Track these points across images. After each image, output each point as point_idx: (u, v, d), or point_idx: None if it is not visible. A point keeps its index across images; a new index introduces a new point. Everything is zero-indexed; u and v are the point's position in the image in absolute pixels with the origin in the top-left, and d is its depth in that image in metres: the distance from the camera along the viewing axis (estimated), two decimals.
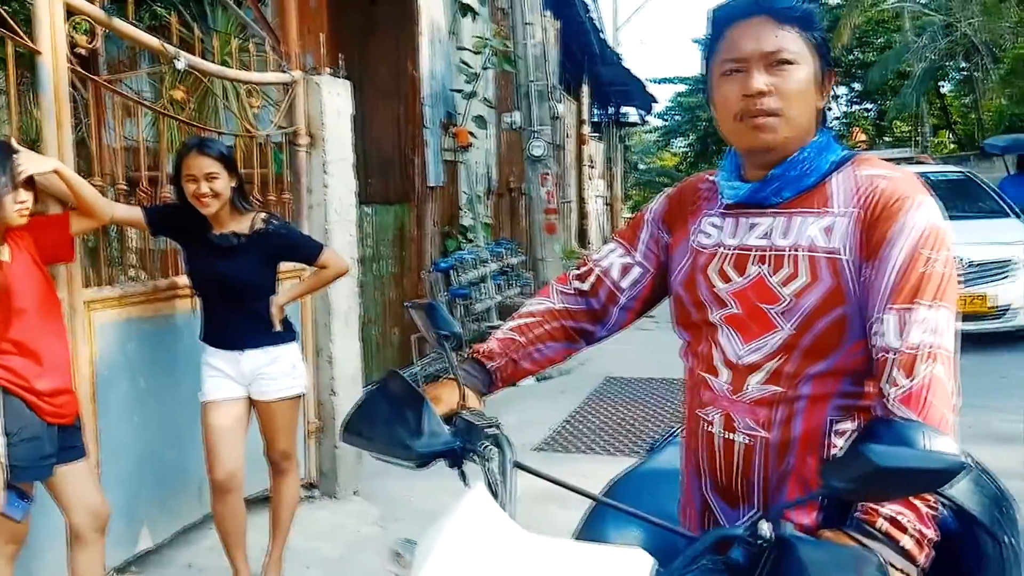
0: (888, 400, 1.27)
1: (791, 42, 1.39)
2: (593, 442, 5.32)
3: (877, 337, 1.31)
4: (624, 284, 1.65)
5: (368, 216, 6.88)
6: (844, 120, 32.80)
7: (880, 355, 1.30)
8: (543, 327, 1.66)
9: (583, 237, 17.35)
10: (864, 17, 20.58)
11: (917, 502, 1.22)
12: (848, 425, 1.39)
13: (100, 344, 3.20)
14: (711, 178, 1.60)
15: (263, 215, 3.21)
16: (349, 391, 4.34)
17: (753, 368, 1.41)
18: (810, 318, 1.37)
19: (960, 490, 1.54)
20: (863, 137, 32.48)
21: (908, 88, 19.55)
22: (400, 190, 7.68)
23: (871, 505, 1.23)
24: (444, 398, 1.51)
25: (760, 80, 1.38)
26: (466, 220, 8.74)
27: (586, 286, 1.68)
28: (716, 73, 1.45)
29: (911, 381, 1.25)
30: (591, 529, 1.77)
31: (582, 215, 17.79)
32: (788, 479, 1.40)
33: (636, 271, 1.65)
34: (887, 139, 30.89)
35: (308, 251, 3.32)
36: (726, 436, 1.44)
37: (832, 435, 1.39)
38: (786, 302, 1.39)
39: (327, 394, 4.30)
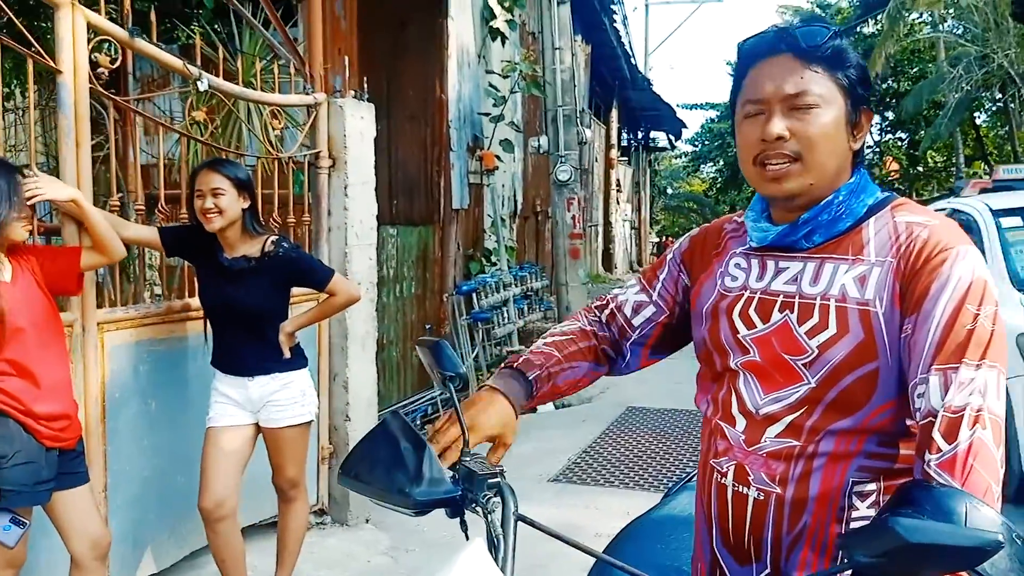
0: (927, 465, 1.18)
1: (816, 83, 1.31)
2: (612, 475, 5.21)
3: (920, 400, 1.21)
4: (636, 321, 1.60)
5: (392, 237, 6.86)
6: (876, 149, 32.55)
7: (925, 419, 1.20)
8: (576, 345, 1.60)
9: (608, 260, 17.27)
10: (899, 47, 20.43)
11: None
12: (871, 487, 1.30)
13: (111, 366, 3.16)
14: (738, 219, 1.53)
15: (273, 238, 3.15)
16: (364, 417, 4.28)
17: (771, 420, 1.33)
18: (836, 372, 1.28)
19: (999, 567, 1.44)
20: (895, 166, 32.22)
21: (942, 118, 19.34)
22: (425, 212, 7.66)
23: None
24: (453, 449, 1.40)
25: (779, 125, 1.31)
26: (490, 243, 8.70)
27: (603, 317, 1.64)
28: (739, 113, 1.38)
29: (954, 445, 1.16)
30: None
31: (608, 239, 17.73)
32: (802, 540, 1.32)
33: (649, 309, 1.59)
34: (920, 169, 30.61)
35: (318, 277, 3.26)
36: (738, 489, 1.36)
37: (853, 496, 1.30)
38: (812, 354, 1.30)
39: (341, 419, 4.24)
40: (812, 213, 1.34)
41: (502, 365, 1.58)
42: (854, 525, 1.29)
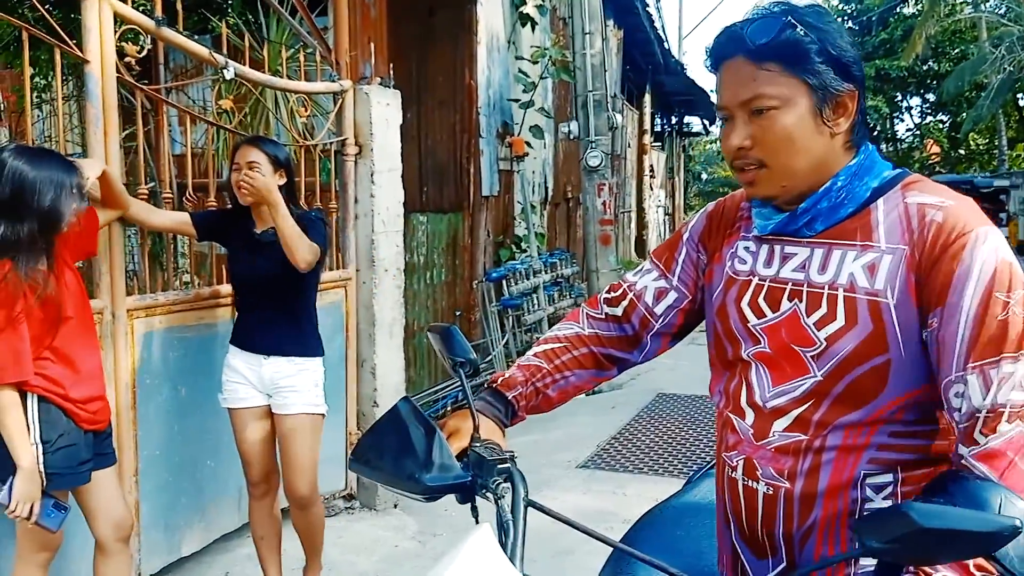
0: (964, 456, 1.14)
1: (771, 84, 1.24)
2: (641, 461, 5.19)
3: (960, 400, 1.17)
4: (658, 310, 1.53)
5: (422, 224, 6.88)
6: (917, 132, 31.94)
7: (967, 420, 1.16)
8: (571, 353, 1.55)
9: (641, 247, 17.17)
10: (939, 27, 20.01)
11: (972, 567, 1.10)
12: (886, 478, 1.25)
13: (141, 352, 3.21)
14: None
15: (301, 211, 3.17)
16: (391, 403, 4.26)
17: (778, 413, 1.30)
18: (844, 365, 1.24)
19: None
20: (936, 149, 31.60)
21: (984, 99, 18.94)
22: (454, 199, 7.66)
23: (925, 568, 1.12)
24: (463, 431, 1.42)
25: (737, 136, 1.27)
26: (520, 230, 8.68)
27: (618, 311, 1.56)
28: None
29: (993, 438, 1.13)
30: (617, 570, 1.68)
31: (641, 225, 17.61)
32: (814, 534, 1.29)
33: (672, 296, 1.52)
34: (961, 151, 30.01)
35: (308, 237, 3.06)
36: (748, 484, 1.34)
37: (866, 488, 1.26)
38: (820, 346, 1.26)
39: (369, 405, 4.27)
40: (810, 202, 1.29)
41: (484, 384, 1.57)
42: None
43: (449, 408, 6.82)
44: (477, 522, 1.25)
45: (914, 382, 1.22)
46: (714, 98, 1.39)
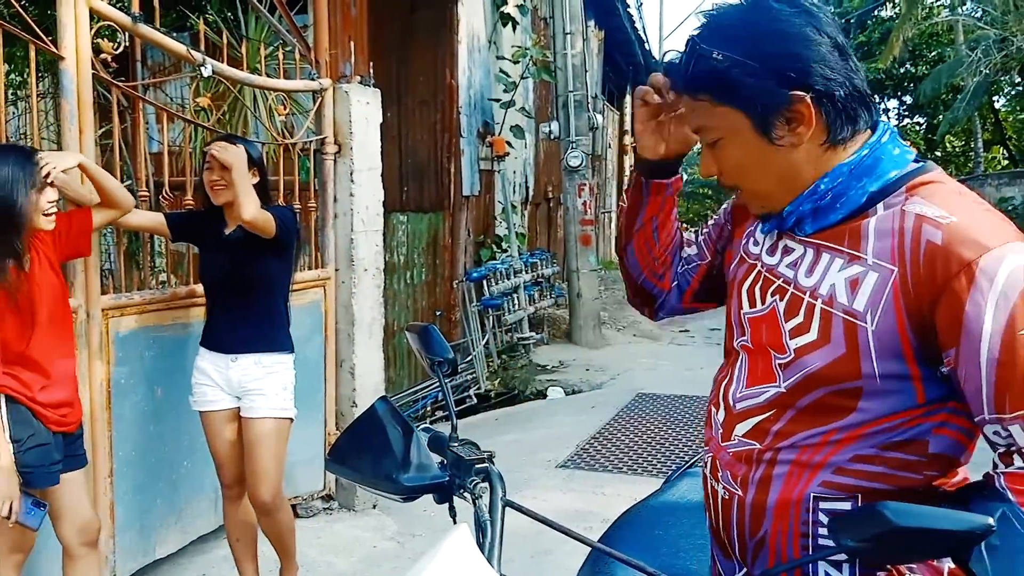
0: (996, 473, 1.10)
1: (708, 116, 1.18)
2: (621, 461, 5.20)
3: (999, 438, 1.10)
4: (683, 253, 1.53)
5: (402, 224, 6.86)
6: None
7: (1004, 450, 1.11)
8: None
9: None
10: (917, 30, 20.19)
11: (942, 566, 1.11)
12: (842, 506, 1.16)
13: (116, 352, 3.17)
14: None
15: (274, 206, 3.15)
16: (371, 403, 4.27)
17: (742, 416, 1.26)
18: (809, 382, 1.16)
19: None
20: (913, 151, 31.88)
21: (960, 102, 19.12)
22: (435, 198, 7.65)
23: (899, 568, 1.12)
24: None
25: (705, 165, 1.24)
26: (501, 230, 8.68)
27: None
28: None
29: None
30: (595, 570, 1.68)
31: None
32: (765, 548, 1.24)
33: (692, 249, 1.53)
34: (938, 153, 30.30)
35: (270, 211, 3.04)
36: (712, 484, 1.31)
37: (819, 513, 1.17)
38: (788, 356, 1.18)
39: (348, 405, 4.25)
40: (792, 205, 1.20)
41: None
42: (823, 542, 1.17)
43: (429, 408, 6.81)
44: (455, 522, 1.24)
45: (890, 410, 1.13)
46: None
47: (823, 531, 1.17)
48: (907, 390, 1.12)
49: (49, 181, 2.46)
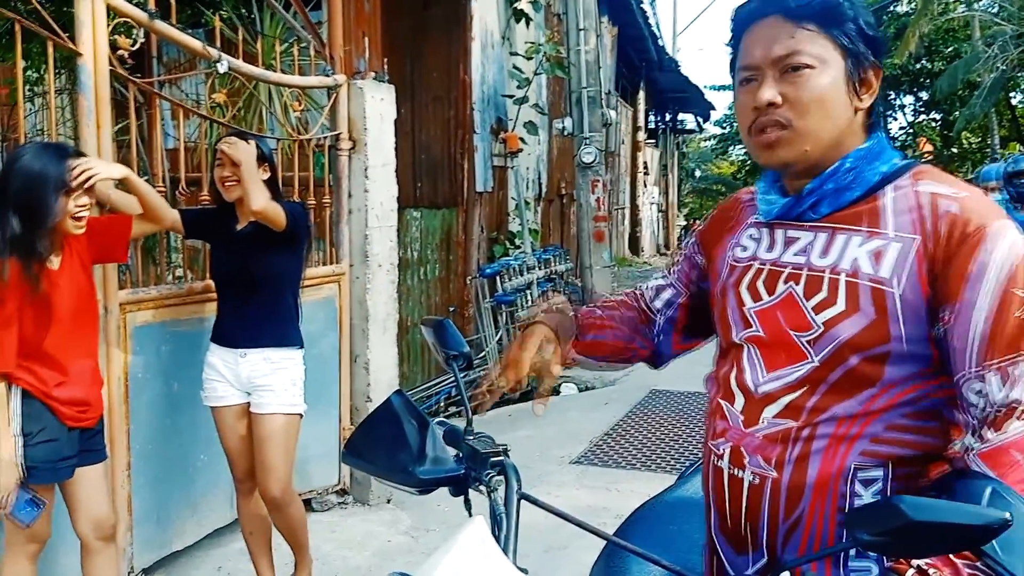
0: (967, 453, 1.15)
1: (808, 43, 1.23)
2: (634, 457, 5.20)
3: (980, 397, 1.16)
4: (656, 304, 1.58)
5: (416, 220, 6.87)
6: (910, 130, 32.02)
7: (981, 416, 1.16)
8: (622, 310, 1.60)
9: (635, 243, 17.18)
10: (933, 25, 20.05)
11: (955, 558, 1.11)
12: (876, 473, 1.22)
13: (134, 346, 3.20)
14: (754, 190, 1.48)
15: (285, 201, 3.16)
16: (385, 398, 4.29)
17: (769, 399, 1.27)
18: (842, 352, 1.21)
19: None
20: (929, 147, 31.68)
21: (977, 98, 18.98)
22: (448, 194, 7.65)
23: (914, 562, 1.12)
24: (522, 362, 1.42)
25: (769, 91, 1.24)
26: (514, 226, 8.68)
27: (638, 304, 1.63)
28: (737, 82, 1.32)
29: (998, 436, 1.12)
30: (609, 565, 1.68)
31: (635, 222, 17.63)
32: (800, 528, 1.25)
33: (668, 292, 1.57)
34: (954, 150, 30.09)
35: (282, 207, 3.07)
36: (734, 472, 1.30)
37: (856, 483, 1.22)
38: (817, 330, 1.23)
39: (362, 400, 4.27)
40: (816, 182, 1.27)
41: (552, 295, 1.59)
42: None
43: (443, 404, 6.82)
44: (470, 515, 1.25)
45: (912, 375, 1.20)
46: (710, 96, 1.39)
47: (857, 501, 1.22)
48: (926, 353, 1.20)
49: (86, 186, 2.45)
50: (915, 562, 1.09)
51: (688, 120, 25.36)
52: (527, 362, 1.41)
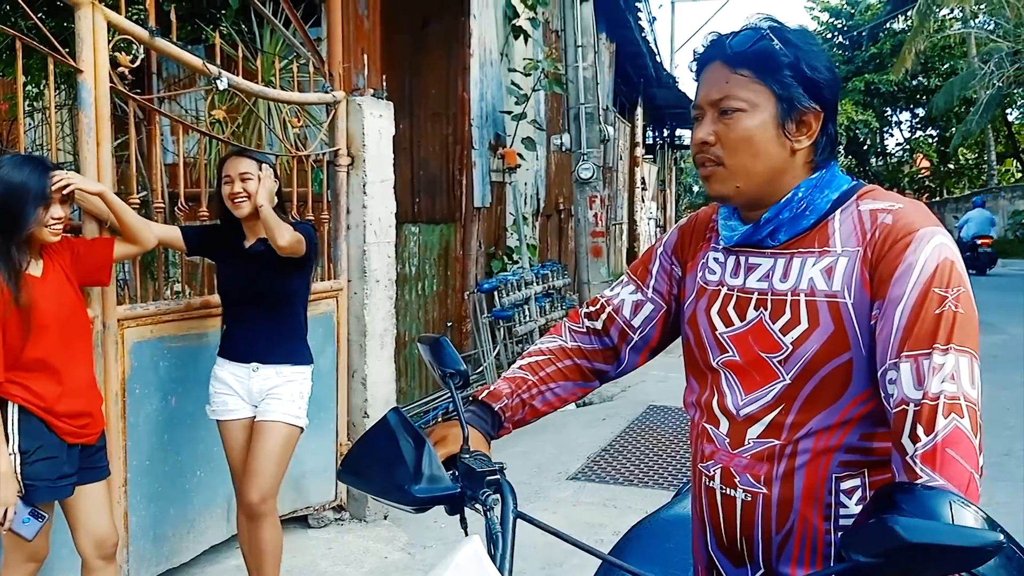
0: (908, 457, 1.16)
1: (740, 88, 1.32)
2: (632, 473, 5.19)
3: (892, 386, 1.20)
4: (636, 322, 1.58)
5: (414, 235, 6.88)
6: (906, 147, 32.11)
7: (897, 407, 1.19)
8: (555, 365, 1.59)
9: (633, 259, 17.19)
10: (929, 43, 20.16)
11: None
12: (855, 483, 1.29)
13: (132, 362, 3.20)
14: (715, 215, 1.53)
15: (294, 220, 3.17)
16: (382, 414, 4.28)
17: (752, 420, 1.34)
18: (810, 366, 1.28)
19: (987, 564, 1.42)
20: (926, 164, 31.79)
21: (973, 115, 19.09)
22: (447, 210, 7.66)
23: None
24: (449, 439, 1.44)
25: (703, 130, 1.35)
26: (512, 241, 8.69)
27: (598, 324, 1.61)
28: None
29: (932, 436, 1.14)
30: None
31: (633, 237, 17.66)
32: (792, 539, 1.32)
33: (648, 308, 1.57)
34: (951, 166, 30.17)
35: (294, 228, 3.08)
36: (726, 492, 1.37)
37: (840, 493, 1.29)
38: (786, 350, 1.31)
39: (359, 416, 4.26)
40: (772, 212, 1.34)
41: (470, 397, 1.59)
42: (843, 522, 1.29)
43: (440, 419, 6.81)
44: (466, 534, 1.25)
45: (872, 379, 1.26)
46: None
47: (843, 511, 1.29)
48: None
49: (63, 195, 2.49)
50: None
51: (686, 136, 25.42)
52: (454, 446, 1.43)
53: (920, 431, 1.15)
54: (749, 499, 1.34)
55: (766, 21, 1.35)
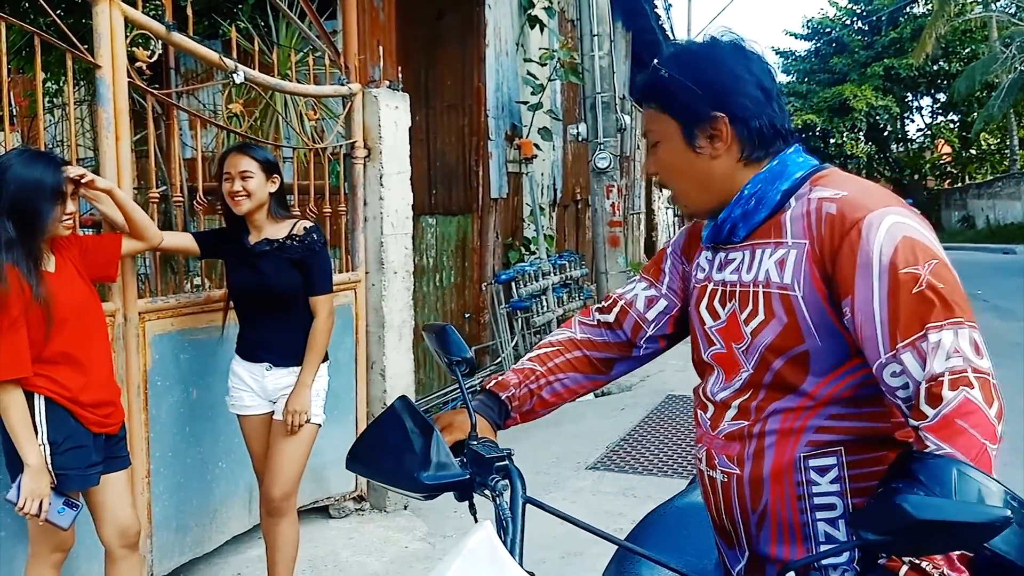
0: (919, 431, 1.16)
1: (652, 121, 1.42)
2: (651, 462, 5.19)
3: (899, 378, 1.19)
4: (650, 316, 1.62)
5: (431, 227, 6.90)
6: (928, 132, 31.75)
7: (914, 398, 1.18)
8: (563, 356, 1.63)
9: (651, 248, 17.13)
10: (949, 27, 19.92)
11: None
12: (829, 461, 1.30)
13: (153, 354, 3.24)
14: None
15: (308, 225, 3.15)
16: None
17: (726, 405, 1.39)
18: (767, 356, 1.32)
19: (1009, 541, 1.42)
20: (947, 149, 31.42)
21: (995, 99, 18.84)
22: (463, 201, 7.68)
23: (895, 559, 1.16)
24: (456, 426, 1.48)
25: (647, 164, 1.47)
26: (529, 232, 8.69)
27: (610, 318, 1.65)
28: None
29: (939, 409, 1.13)
30: (620, 569, 1.69)
31: (651, 226, 17.59)
32: (768, 519, 1.35)
33: (662, 303, 1.62)
34: (972, 151, 29.80)
35: (315, 283, 3.11)
36: (710, 473, 1.42)
37: (810, 471, 1.31)
38: (747, 341, 1.36)
39: (379, 407, 4.29)
40: (725, 212, 1.40)
41: (482, 383, 1.62)
42: (817, 500, 1.31)
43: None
44: (476, 519, 1.27)
45: (838, 369, 1.28)
46: None
47: (815, 489, 1.31)
48: (844, 345, 1.27)
49: (75, 187, 2.53)
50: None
51: None
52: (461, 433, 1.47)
53: (927, 408, 1.15)
54: (726, 479, 1.38)
55: (665, 54, 1.43)
